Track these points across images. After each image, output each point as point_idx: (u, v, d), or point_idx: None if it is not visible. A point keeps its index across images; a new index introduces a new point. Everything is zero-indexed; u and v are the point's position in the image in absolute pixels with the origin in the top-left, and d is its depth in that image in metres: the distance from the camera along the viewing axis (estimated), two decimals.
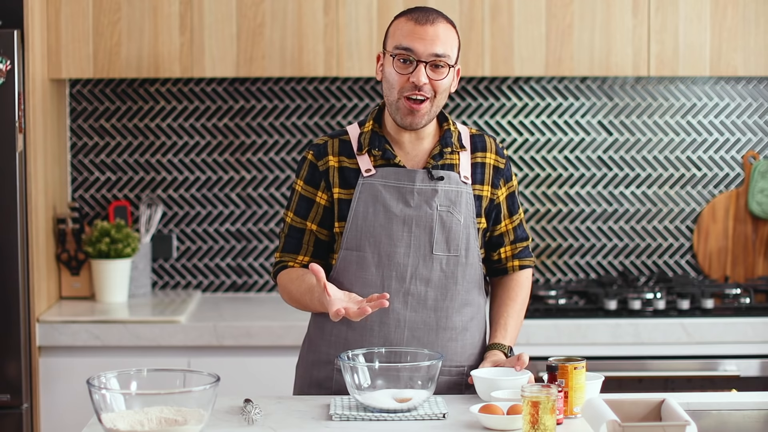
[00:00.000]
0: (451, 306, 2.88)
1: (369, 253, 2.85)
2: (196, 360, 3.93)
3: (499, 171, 2.94)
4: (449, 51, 2.81)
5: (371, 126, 2.90)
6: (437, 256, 2.86)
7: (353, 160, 2.89)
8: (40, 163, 4.01)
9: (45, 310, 4.04)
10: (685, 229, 4.52)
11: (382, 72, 2.86)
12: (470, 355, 2.93)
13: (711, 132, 4.50)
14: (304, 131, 4.48)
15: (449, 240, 2.87)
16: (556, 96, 4.49)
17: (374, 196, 2.86)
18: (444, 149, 2.88)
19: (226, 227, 4.50)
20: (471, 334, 2.92)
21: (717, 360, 4.00)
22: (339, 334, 2.90)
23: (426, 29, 2.79)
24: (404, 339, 2.86)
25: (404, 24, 2.82)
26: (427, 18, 2.81)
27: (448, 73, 2.82)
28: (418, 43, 2.79)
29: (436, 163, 2.88)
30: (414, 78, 2.79)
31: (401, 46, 2.80)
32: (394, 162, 2.87)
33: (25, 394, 3.83)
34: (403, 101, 2.81)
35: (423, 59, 2.79)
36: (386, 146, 2.88)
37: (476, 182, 2.91)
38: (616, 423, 2.34)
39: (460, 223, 2.87)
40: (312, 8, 4.12)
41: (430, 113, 2.83)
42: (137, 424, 2.39)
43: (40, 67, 4.02)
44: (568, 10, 4.14)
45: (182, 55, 4.13)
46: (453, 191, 2.87)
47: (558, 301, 4.14)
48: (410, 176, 2.86)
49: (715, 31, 4.15)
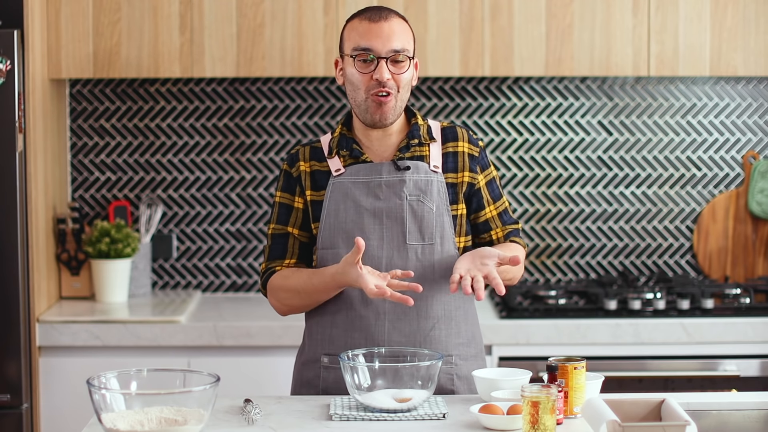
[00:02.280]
0: (430, 294, 2.89)
1: (343, 249, 2.89)
2: (196, 360, 3.93)
3: (474, 158, 2.96)
4: (406, 45, 2.87)
5: (340, 130, 2.96)
6: (411, 246, 2.89)
7: (324, 163, 2.95)
8: (40, 163, 4.01)
9: (45, 310, 4.04)
10: (685, 229, 4.52)
11: (344, 76, 2.91)
12: (457, 344, 2.93)
13: (711, 132, 4.50)
14: (304, 131, 4.48)
15: (422, 229, 2.89)
16: (556, 96, 4.49)
17: (344, 193, 2.91)
18: (411, 141, 2.92)
19: (226, 227, 4.51)
20: (457, 323, 2.93)
21: (717, 360, 4.00)
22: (324, 332, 2.94)
23: (381, 26, 2.85)
24: (385, 330, 2.88)
25: (358, 24, 2.88)
26: (380, 15, 2.87)
27: (409, 67, 2.87)
28: (375, 41, 2.84)
29: (402, 155, 2.91)
30: (377, 75, 2.84)
31: (359, 47, 2.85)
32: (361, 159, 2.92)
33: (25, 394, 3.83)
34: (371, 98, 2.85)
35: (383, 55, 2.84)
36: (354, 146, 2.93)
37: (448, 170, 2.94)
38: (616, 423, 2.34)
39: (432, 211, 2.90)
40: (312, 8, 4.12)
41: (396, 108, 2.87)
42: (137, 424, 2.39)
43: (40, 67, 4.02)
44: (568, 10, 4.14)
45: (182, 55, 4.13)
46: (422, 180, 2.90)
47: (558, 301, 4.14)
48: (377, 170, 2.91)
49: (715, 31, 4.15)
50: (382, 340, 2.87)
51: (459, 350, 2.93)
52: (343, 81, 2.91)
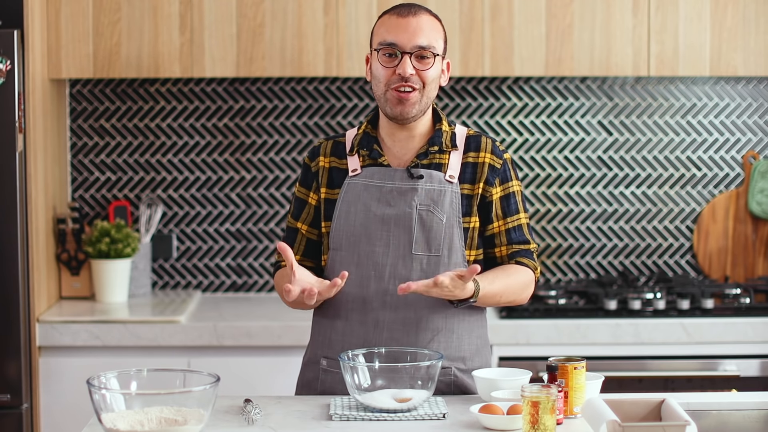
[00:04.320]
0: (432, 306, 2.85)
1: (349, 252, 2.87)
2: (196, 360, 3.93)
3: (495, 170, 2.90)
4: (433, 42, 2.83)
5: (365, 127, 2.92)
6: (417, 256, 2.85)
7: (344, 160, 2.92)
8: (40, 163, 4.01)
9: (45, 310, 4.04)
10: (685, 229, 4.52)
11: (371, 72, 2.88)
12: (457, 358, 2.89)
13: (711, 132, 4.50)
14: (304, 131, 4.48)
15: (430, 240, 2.85)
16: (556, 96, 4.49)
17: (356, 195, 2.88)
18: (431, 148, 2.88)
19: (226, 227, 4.51)
20: (458, 336, 2.89)
21: (717, 360, 4.00)
22: (324, 334, 2.93)
23: (408, 21, 2.82)
24: (383, 339, 2.85)
25: (387, 20, 2.85)
26: (409, 11, 2.84)
27: (434, 63, 2.83)
28: (401, 36, 2.81)
29: (419, 162, 2.88)
30: (400, 70, 2.80)
31: (385, 41, 2.82)
32: (379, 161, 2.89)
33: (25, 394, 3.83)
34: (391, 92, 2.82)
35: (407, 51, 2.80)
36: (374, 146, 2.89)
37: (465, 181, 2.89)
38: (616, 423, 2.34)
39: (442, 222, 2.85)
40: (312, 8, 4.12)
41: (420, 103, 2.83)
42: (137, 424, 2.39)
43: (40, 67, 4.02)
44: (568, 10, 4.14)
45: (182, 55, 4.13)
46: (435, 190, 2.86)
47: (558, 301, 4.14)
48: (391, 175, 2.87)
49: (715, 31, 4.15)
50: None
51: (459, 364, 2.89)
52: (371, 77, 2.87)
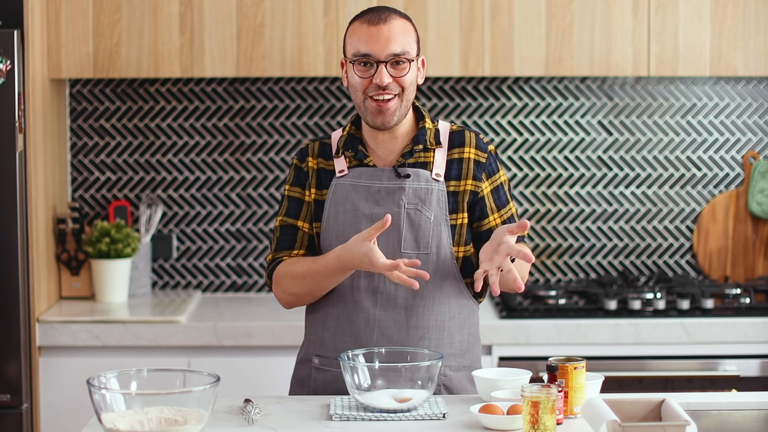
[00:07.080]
0: (422, 304, 2.87)
1: None
2: (196, 360, 3.93)
3: (480, 165, 2.91)
4: (407, 47, 2.83)
5: (349, 129, 2.94)
6: (406, 254, 2.86)
7: (330, 162, 2.94)
8: (40, 163, 4.01)
9: (45, 310, 4.04)
10: (685, 229, 4.52)
11: (347, 78, 2.88)
12: (448, 355, 2.89)
13: (711, 132, 4.50)
14: (304, 131, 4.48)
15: (418, 238, 2.86)
16: (556, 96, 4.49)
17: (344, 196, 2.89)
18: (415, 147, 2.89)
19: (226, 227, 4.51)
20: (449, 334, 2.90)
21: (717, 360, 4.00)
22: (316, 332, 2.94)
23: (380, 30, 2.81)
24: (374, 338, 2.86)
25: (358, 28, 2.85)
26: (379, 17, 2.83)
27: (410, 68, 2.84)
28: (374, 46, 2.81)
29: (404, 161, 2.89)
30: (377, 79, 2.81)
31: (359, 52, 2.82)
32: (365, 162, 2.90)
33: (25, 394, 3.83)
34: (370, 101, 2.83)
35: (382, 60, 2.81)
36: (360, 147, 2.91)
37: (451, 178, 2.90)
38: (616, 423, 2.34)
39: (430, 220, 2.86)
40: (312, 8, 4.12)
41: (400, 109, 2.84)
42: (137, 424, 2.39)
43: (40, 67, 4.02)
44: (568, 10, 4.14)
45: (182, 55, 4.13)
46: (422, 189, 2.87)
47: (558, 301, 4.14)
48: (378, 175, 2.89)
49: (715, 31, 4.15)
50: (371, 347, 2.85)
51: (449, 361, 2.90)
52: (347, 83, 2.89)
